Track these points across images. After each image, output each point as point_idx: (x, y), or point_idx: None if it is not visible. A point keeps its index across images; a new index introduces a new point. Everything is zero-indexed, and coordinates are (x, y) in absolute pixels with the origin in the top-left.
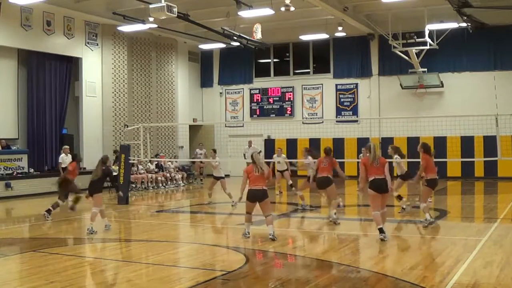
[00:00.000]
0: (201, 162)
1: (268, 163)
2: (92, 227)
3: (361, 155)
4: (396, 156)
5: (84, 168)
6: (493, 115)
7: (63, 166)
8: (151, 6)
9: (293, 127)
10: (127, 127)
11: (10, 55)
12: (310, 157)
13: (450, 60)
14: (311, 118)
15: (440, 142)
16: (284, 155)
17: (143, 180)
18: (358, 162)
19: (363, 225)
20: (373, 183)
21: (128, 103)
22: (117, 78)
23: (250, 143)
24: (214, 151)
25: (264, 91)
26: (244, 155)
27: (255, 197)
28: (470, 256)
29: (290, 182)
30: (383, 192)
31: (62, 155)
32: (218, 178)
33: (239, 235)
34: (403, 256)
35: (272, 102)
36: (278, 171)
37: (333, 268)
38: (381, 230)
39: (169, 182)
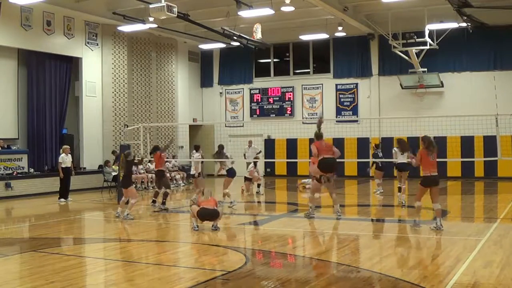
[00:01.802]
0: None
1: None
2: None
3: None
4: (395, 147)
5: (84, 168)
6: (493, 115)
7: (63, 166)
8: (151, 6)
9: (293, 127)
10: (127, 127)
11: (10, 55)
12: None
13: (450, 60)
14: (311, 118)
15: (440, 142)
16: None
17: (143, 180)
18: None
19: (363, 225)
20: (323, 161)
21: (128, 103)
22: (117, 78)
23: (250, 143)
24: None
25: (264, 91)
26: (244, 155)
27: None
28: (470, 256)
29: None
30: (330, 172)
31: (62, 154)
32: (193, 176)
33: (239, 235)
34: (403, 256)
35: (272, 102)
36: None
37: (333, 268)
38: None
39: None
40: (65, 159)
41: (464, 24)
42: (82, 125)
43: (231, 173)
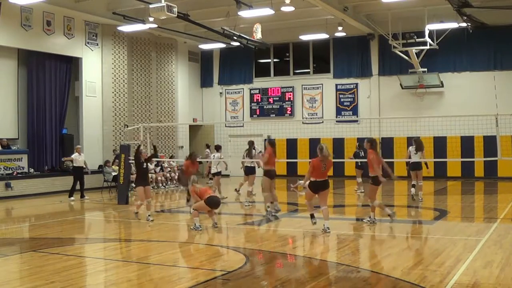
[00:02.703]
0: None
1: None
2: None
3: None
4: (411, 147)
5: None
6: (493, 115)
7: (75, 165)
8: (151, 6)
9: (293, 127)
10: (127, 127)
11: (10, 55)
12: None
13: (450, 60)
14: (311, 118)
15: (440, 142)
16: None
17: None
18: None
19: (363, 225)
20: (314, 184)
21: (128, 103)
22: (117, 78)
23: None
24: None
25: (264, 91)
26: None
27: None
28: (470, 256)
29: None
30: (322, 190)
31: (75, 154)
32: (213, 174)
33: (239, 235)
34: (403, 256)
35: (272, 102)
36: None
37: (333, 268)
38: (312, 216)
39: (169, 182)
40: (77, 158)
41: (464, 24)
42: (82, 125)
43: (249, 170)
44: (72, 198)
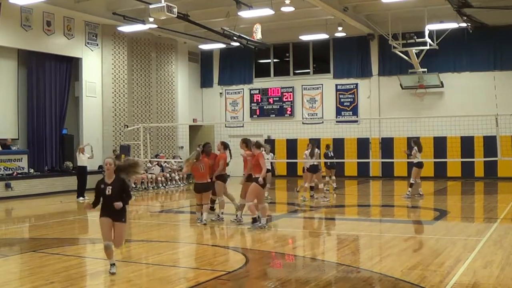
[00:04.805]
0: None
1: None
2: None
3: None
4: (415, 147)
5: None
6: (493, 115)
7: (79, 164)
8: (151, 6)
9: (293, 127)
10: (127, 127)
11: (10, 55)
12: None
13: (450, 60)
14: (311, 118)
15: (440, 142)
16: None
17: (143, 180)
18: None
19: (363, 225)
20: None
21: (128, 103)
22: (117, 78)
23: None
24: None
25: (264, 91)
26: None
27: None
28: (470, 256)
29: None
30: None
31: (80, 154)
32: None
33: (239, 235)
34: (403, 256)
35: (272, 102)
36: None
37: (333, 268)
38: (254, 220)
39: (169, 182)
40: (81, 158)
41: (464, 24)
42: (82, 125)
43: (314, 169)
44: (81, 198)
